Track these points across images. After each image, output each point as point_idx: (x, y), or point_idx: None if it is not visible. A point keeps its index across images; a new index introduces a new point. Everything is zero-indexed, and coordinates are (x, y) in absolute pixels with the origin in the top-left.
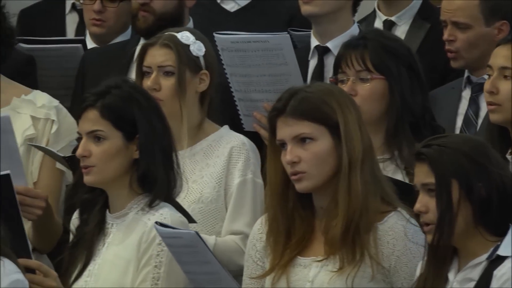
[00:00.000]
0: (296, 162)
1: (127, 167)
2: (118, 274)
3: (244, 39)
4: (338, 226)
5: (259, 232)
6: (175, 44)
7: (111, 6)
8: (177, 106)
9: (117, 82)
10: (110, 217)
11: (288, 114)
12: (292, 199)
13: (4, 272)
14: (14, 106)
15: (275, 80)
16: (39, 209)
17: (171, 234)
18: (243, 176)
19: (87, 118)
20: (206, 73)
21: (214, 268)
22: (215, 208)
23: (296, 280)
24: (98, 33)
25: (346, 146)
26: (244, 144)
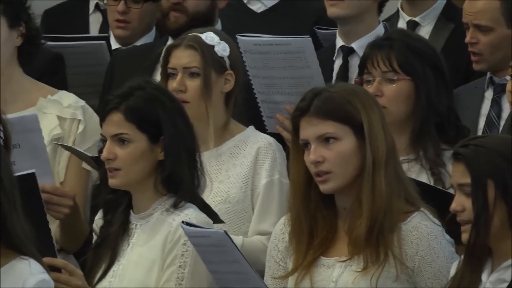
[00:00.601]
0: (320, 162)
1: (152, 169)
2: (143, 274)
3: (267, 42)
4: (362, 226)
5: (281, 233)
6: (200, 45)
7: (135, 7)
8: (203, 107)
9: (139, 83)
10: (134, 217)
11: (312, 113)
12: (314, 199)
13: (30, 272)
14: (40, 106)
15: (297, 82)
16: (66, 208)
17: (198, 233)
18: (270, 177)
19: (111, 121)
20: (231, 73)
21: (243, 268)
22: (242, 209)
23: (319, 281)
24: (122, 36)
25: (370, 146)
26: (270, 144)
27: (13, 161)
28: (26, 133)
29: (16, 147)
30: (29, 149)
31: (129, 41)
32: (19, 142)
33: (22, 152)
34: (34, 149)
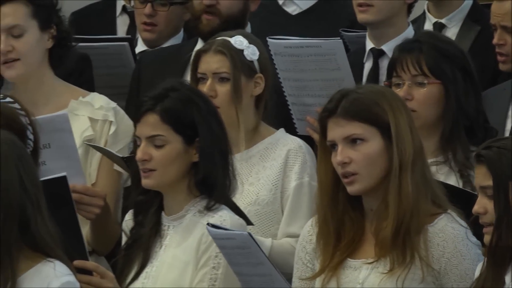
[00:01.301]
0: (346, 163)
1: (186, 170)
2: (176, 275)
3: (297, 44)
4: (389, 228)
5: (308, 234)
6: (229, 50)
7: (161, 10)
8: (233, 112)
9: (174, 84)
10: (166, 219)
11: (339, 114)
12: (342, 201)
13: (55, 274)
14: (71, 108)
15: (328, 85)
16: (97, 208)
17: (223, 235)
18: (300, 179)
19: (146, 122)
20: (261, 76)
21: (267, 270)
22: (271, 211)
23: (346, 282)
24: (149, 39)
25: (397, 148)
26: (301, 147)
27: (43, 161)
28: (56, 133)
29: (46, 147)
30: (60, 149)
31: (156, 44)
32: (50, 142)
33: (52, 152)
34: (64, 149)
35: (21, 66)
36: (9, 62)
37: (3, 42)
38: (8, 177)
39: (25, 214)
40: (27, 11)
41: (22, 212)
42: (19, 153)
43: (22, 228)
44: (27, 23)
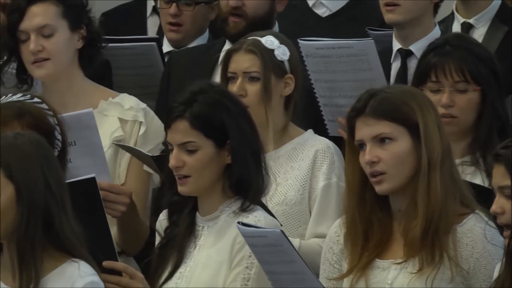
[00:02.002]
0: (375, 162)
1: (220, 173)
2: (210, 275)
3: (329, 45)
4: (418, 228)
5: (336, 235)
6: (259, 50)
7: (187, 10)
8: (263, 112)
9: (202, 87)
10: (200, 219)
11: (367, 114)
12: (370, 201)
13: (79, 274)
14: (101, 109)
15: (360, 85)
16: (122, 205)
17: (255, 233)
18: (328, 180)
19: (177, 129)
20: (291, 77)
21: (299, 268)
22: (299, 211)
23: (375, 283)
24: (175, 39)
25: (426, 147)
26: (329, 147)
27: (69, 158)
28: (82, 130)
29: (72, 145)
30: (85, 146)
31: (182, 44)
32: (75, 139)
33: (78, 149)
34: (90, 146)
35: (51, 66)
36: (39, 62)
37: (33, 42)
38: (32, 176)
39: (49, 214)
40: (57, 11)
41: (46, 211)
42: (44, 153)
43: (46, 228)
44: (57, 23)
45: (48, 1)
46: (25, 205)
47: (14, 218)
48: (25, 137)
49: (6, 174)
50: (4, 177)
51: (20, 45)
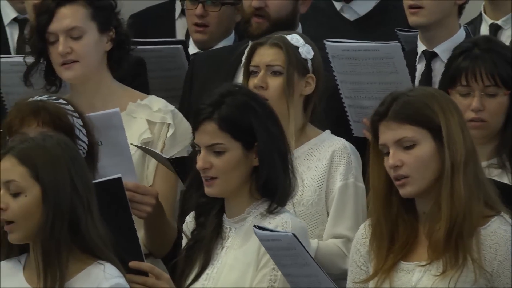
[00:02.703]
0: (398, 166)
1: (248, 175)
2: (237, 277)
3: (355, 48)
4: (441, 230)
5: (362, 237)
6: (285, 45)
7: (213, 11)
8: (282, 107)
9: (229, 89)
10: (227, 221)
11: (390, 118)
12: (396, 204)
13: (104, 276)
14: (129, 111)
15: (385, 88)
16: (148, 206)
17: (269, 237)
18: (345, 180)
19: (205, 131)
20: (312, 76)
21: (313, 270)
22: (316, 212)
23: (399, 285)
24: (200, 40)
25: (449, 150)
26: (345, 147)
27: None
28: (108, 130)
29: (98, 144)
30: (112, 146)
31: (208, 45)
32: (102, 139)
33: (104, 149)
34: (116, 146)
35: (79, 68)
36: (67, 64)
37: (62, 43)
38: (59, 178)
39: (75, 216)
40: (86, 13)
41: (72, 213)
42: (72, 155)
43: (72, 230)
44: (86, 25)
45: (77, 3)
46: (51, 206)
47: (40, 219)
48: (53, 138)
49: (33, 175)
50: (30, 178)
51: (48, 47)
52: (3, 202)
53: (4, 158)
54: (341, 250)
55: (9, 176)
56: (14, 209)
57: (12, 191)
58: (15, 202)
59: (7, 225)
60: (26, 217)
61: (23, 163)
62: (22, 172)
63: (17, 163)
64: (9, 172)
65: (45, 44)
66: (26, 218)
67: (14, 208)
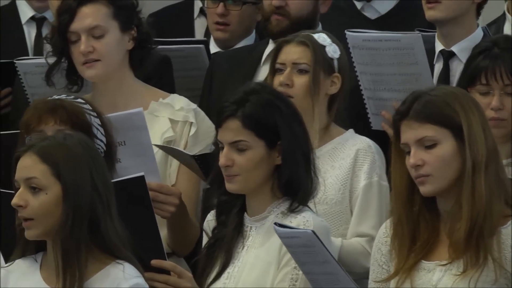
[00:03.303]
0: (420, 166)
1: (270, 173)
2: (258, 275)
3: (376, 38)
4: (462, 229)
5: (384, 236)
6: (312, 43)
7: (234, 9)
8: (307, 105)
9: (254, 87)
10: (248, 220)
11: (411, 117)
12: (417, 203)
13: (124, 276)
14: (152, 110)
15: (405, 79)
16: (172, 206)
17: (288, 234)
18: (369, 179)
19: (228, 128)
20: (338, 76)
21: (332, 268)
22: (340, 210)
23: (420, 284)
24: (221, 38)
25: (470, 149)
26: (370, 146)
27: (118, 158)
28: (131, 130)
29: (121, 145)
30: (135, 147)
31: (229, 44)
32: (125, 140)
33: (127, 149)
34: (139, 147)
35: (101, 66)
36: (89, 63)
37: (83, 42)
38: (80, 177)
39: (95, 215)
40: (108, 12)
41: (92, 213)
42: (93, 155)
43: (91, 229)
44: (107, 24)
45: (99, 2)
46: (71, 205)
47: (59, 218)
48: (74, 137)
49: (54, 173)
50: (51, 176)
51: (70, 46)
52: (23, 199)
53: (25, 155)
54: (364, 248)
55: (30, 173)
56: (33, 206)
57: (32, 188)
58: (35, 200)
59: (25, 221)
60: (45, 214)
61: (45, 161)
62: (43, 169)
63: (38, 160)
64: (30, 169)
65: (66, 43)
66: (45, 215)
67: (33, 206)
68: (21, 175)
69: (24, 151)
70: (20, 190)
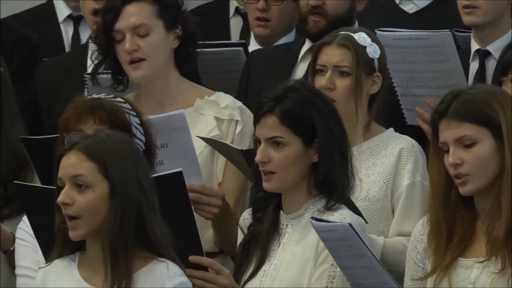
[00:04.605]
0: (458, 164)
1: (306, 171)
2: (295, 273)
3: (406, 36)
4: (501, 227)
5: (420, 234)
6: (353, 45)
7: (275, 5)
8: (350, 107)
9: (293, 85)
10: (284, 217)
11: (450, 116)
12: (454, 201)
13: (168, 275)
14: (197, 107)
15: (437, 76)
16: (215, 208)
17: (325, 228)
18: (412, 178)
19: (266, 124)
20: (379, 75)
21: (369, 262)
22: (381, 208)
23: (458, 282)
24: (262, 34)
25: (509, 148)
26: (413, 146)
27: (161, 160)
28: (173, 132)
29: (164, 147)
30: (178, 148)
31: (269, 41)
32: (167, 142)
33: (170, 151)
34: (182, 148)
35: (147, 66)
36: (135, 63)
37: (128, 41)
38: (127, 175)
39: (141, 213)
40: (153, 10)
41: (139, 211)
42: (136, 153)
43: (137, 227)
44: (152, 22)
45: (143, 1)
46: (119, 203)
47: (105, 216)
48: (116, 136)
49: (101, 170)
50: (99, 174)
51: (115, 45)
52: (69, 197)
53: (69, 153)
54: (406, 247)
55: (76, 170)
56: (80, 204)
57: (78, 186)
58: (82, 197)
59: (71, 221)
60: (92, 212)
61: (91, 159)
62: (90, 167)
63: (84, 158)
64: (76, 167)
65: (111, 42)
66: (92, 214)
67: (80, 203)
68: (66, 172)
69: (68, 149)
70: (66, 188)
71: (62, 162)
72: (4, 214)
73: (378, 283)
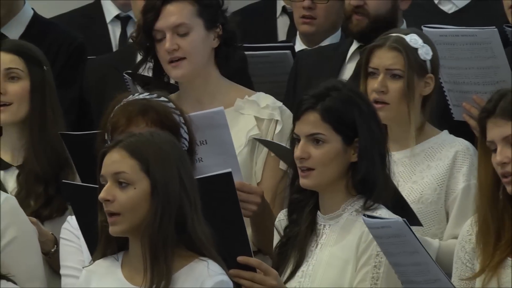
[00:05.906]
0: (506, 163)
1: (344, 170)
2: (335, 274)
3: (452, 33)
4: None
5: (468, 234)
6: (404, 48)
7: (320, 3)
8: (402, 109)
9: (335, 84)
10: (322, 218)
11: (498, 115)
12: (502, 200)
13: (208, 273)
14: (237, 107)
15: (484, 72)
16: (254, 205)
17: (379, 224)
18: (468, 182)
19: (307, 120)
20: (431, 77)
21: (423, 258)
22: (434, 210)
23: (507, 282)
24: (307, 32)
25: None
26: (468, 149)
27: (200, 157)
28: (213, 129)
29: (203, 144)
30: (217, 145)
31: (315, 39)
32: (207, 139)
33: (209, 148)
34: (221, 145)
35: (187, 65)
36: (175, 62)
37: (168, 40)
38: (169, 173)
39: (182, 212)
40: (193, 10)
41: (180, 210)
42: (179, 153)
43: (178, 226)
44: (192, 21)
45: (183, 0)
46: (160, 201)
47: (146, 214)
48: (161, 135)
49: (143, 168)
50: (141, 171)
51: (156, 45)
52: (110, 193)
53: (113, 150)
54: None
55: (119, 167)
56: (121, 201)
57: (120, 183)
58: (123, 194)
59: (111, 217)
60: (132, 209)
61: (134, 156)
62: (132, 164)
63: (127, 155)
64: (119, 164)
65: (152, 42)
66: (132, 211)
67: (121, 200)
68: (108, 169)
69: (111, 146)
70: (108, 185)
71: (105, 159)
72: (44, 215)
73: (431, 281)
